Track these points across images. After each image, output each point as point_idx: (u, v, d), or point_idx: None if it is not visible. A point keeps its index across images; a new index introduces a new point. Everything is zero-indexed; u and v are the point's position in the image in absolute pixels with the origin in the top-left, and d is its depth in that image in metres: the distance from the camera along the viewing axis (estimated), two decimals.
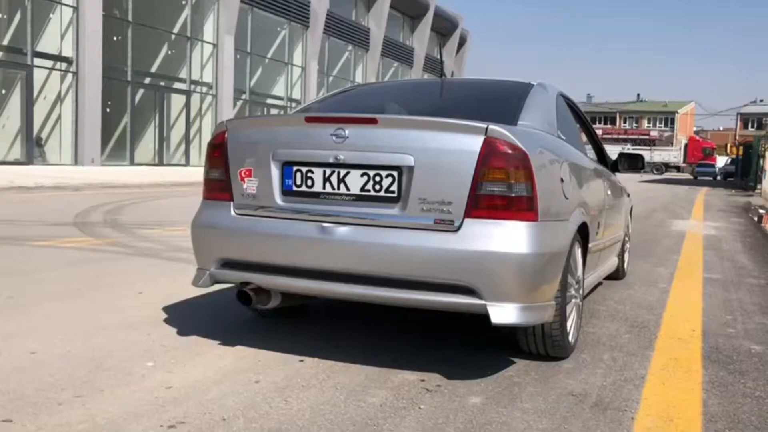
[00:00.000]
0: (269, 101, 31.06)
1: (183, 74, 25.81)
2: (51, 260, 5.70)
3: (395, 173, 2.98)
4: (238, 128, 3.40)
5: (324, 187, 3.10)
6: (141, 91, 24.25)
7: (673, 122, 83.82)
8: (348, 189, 3.06)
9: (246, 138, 3.34)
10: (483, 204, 2.89)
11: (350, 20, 35.66)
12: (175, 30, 25.67)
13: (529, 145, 2.97)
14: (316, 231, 3.06)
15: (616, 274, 5.52)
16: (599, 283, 5.09)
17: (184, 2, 25.51)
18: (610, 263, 5.04)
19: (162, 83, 25.49)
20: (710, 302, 4.98)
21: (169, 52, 25.93)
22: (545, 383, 3.03)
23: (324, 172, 3.10)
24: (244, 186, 3.27)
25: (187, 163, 25.60)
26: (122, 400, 2.64)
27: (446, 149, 2.93)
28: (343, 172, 3.06)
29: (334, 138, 3.04)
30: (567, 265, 3.21)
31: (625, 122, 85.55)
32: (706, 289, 5.50)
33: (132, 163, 23.28)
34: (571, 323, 3.42)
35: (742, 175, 37.60)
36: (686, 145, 68.97)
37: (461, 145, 2.92)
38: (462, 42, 49.71)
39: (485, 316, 2.87)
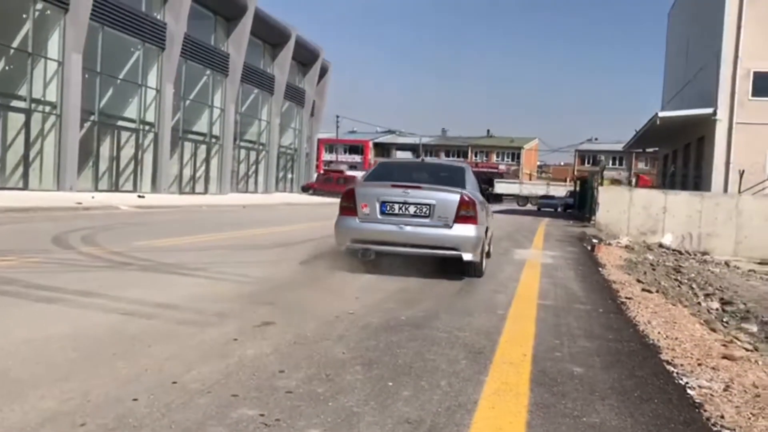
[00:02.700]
0: (120, 123, 29.57)
1: (23, 92, 24.02)
2: None
3: (428, 206, 7.56)
4: (360, 187, 8.02)
5: (398, 211, 7.61)
6: None
7: (519, 157, 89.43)
8: (409, 212, 7.59)
9: (364, 190, 7.87)
10: (461, 218, 7.52)
11: (209, 45, 34.93)
12: (14, 44, 23.91)
13: (473, 197, 7.79)
14: (396, 228, 7.54)
15: (487, 256, 9.05)
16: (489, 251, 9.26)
17: (24, 16, 23.84)
18: (490, 244, 9.67)
19: None
20: (542, 327, 5.35)
21: (7, 68, 24.07)
22: (383, 412, 3.11)
23: (398, 206, 7.61)
24: (363, 210, 7.69)
25: (25, 187, 23.69)
26: None
27: (447, 198, 7.60)
28: (407, 206, 7.59)
29: (402, 192, 7.61)
30: (484, 240, 7.99)
31: (476, 156, 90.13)
32: (540, 315, 5.90)
33: None
34: (483, 262, 8.11)
35: (579, 207, 40.70)
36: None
37: (452, 197, 7.61)
38: (323, 72, 50.26)
39: (461, 260, 7.51)
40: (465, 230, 7.48)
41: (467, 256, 7.46)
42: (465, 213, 7.50)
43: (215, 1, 34.52)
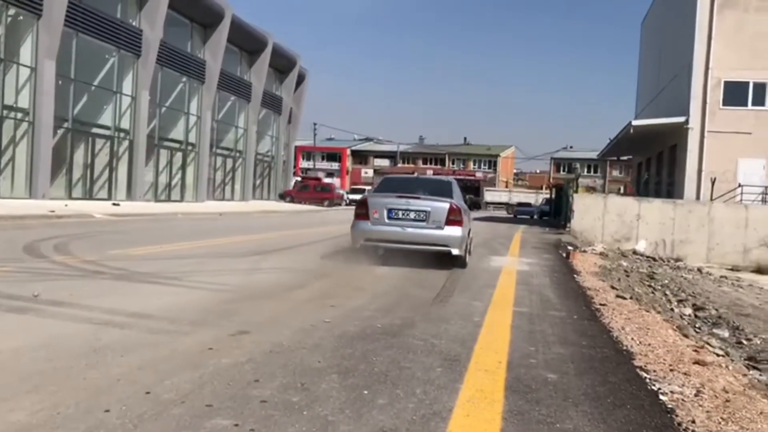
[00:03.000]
0: (95, 131, 29.21)
1: None
2: None
3: (425, 212, 9.65)
4: (371, 197, 10.23)
5: (402, 216, 9.66)
6: None
7: (495, 164, 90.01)
8: (410, 217, 9.65)
9: (375, 200, 9.95)
10: (450, 222, 9.62)
11: (185, 51, 34.71)
12: None
13: (459, 205, 10.02)
14: (400, 229, 9.59)
15: (469, 253, 10.75)
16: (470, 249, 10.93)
17: None
18: (471, 243, 11.29)
19: None
20: (517, 334, 5.38)
21: None
22: (358, 421, 3.10)
23: (402, 212, 9.67)
24: (374, 215, 9.70)
25: None
26: None
27: (439, 206, 9.70)
28: (408, 212, 9.67)
29: (405, 200, 9.72)
30: (468, 239, 10.36)
31: (453, 163, 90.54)
32: (515, 322, 5.93)
33: None
34: (467, 257, 10.23)
35: (554, 214, 40.99)
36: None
37: (443, 205, 9.73)
38: (300, 80, 50.16)
39: (450, 254, 9.61)
40: (453, 231, 9.59)
41: (455, 251, 9.61)
42: (453, 218, 9.62)
43: (192, 8, 34.31)
